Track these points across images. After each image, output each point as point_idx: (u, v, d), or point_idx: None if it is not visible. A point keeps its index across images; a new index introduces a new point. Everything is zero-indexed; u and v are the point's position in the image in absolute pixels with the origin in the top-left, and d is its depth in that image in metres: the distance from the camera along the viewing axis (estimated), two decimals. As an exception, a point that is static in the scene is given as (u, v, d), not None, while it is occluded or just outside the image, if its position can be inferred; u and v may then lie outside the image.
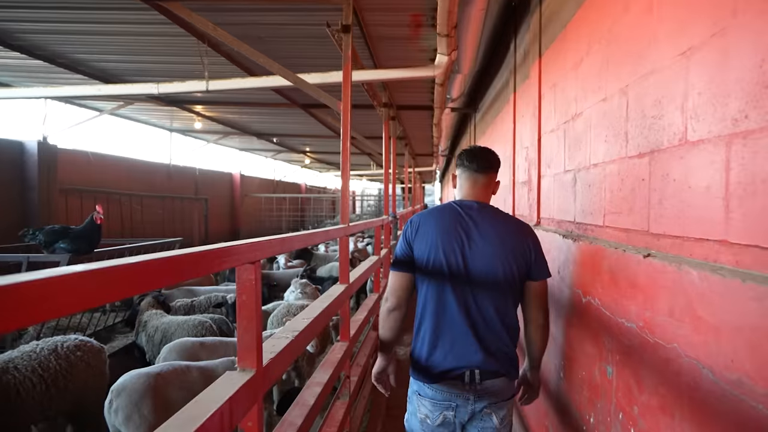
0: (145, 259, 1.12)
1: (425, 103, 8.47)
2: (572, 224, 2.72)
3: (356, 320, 4.48)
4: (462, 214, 2.20)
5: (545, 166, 3.41)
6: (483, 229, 2.15)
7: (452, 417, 2.13)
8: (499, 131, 5.81)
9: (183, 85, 5.70)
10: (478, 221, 2.17)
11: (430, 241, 2.17)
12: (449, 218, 2.20)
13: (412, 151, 15.50)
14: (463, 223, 2.17)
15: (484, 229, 2.15)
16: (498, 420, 2.14)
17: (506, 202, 5.05)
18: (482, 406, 2.11)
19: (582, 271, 2.27)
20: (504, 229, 2.18)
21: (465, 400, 2.11)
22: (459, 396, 2.11)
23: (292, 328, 2.34)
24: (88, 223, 5.65)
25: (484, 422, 2.13)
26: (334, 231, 3.58)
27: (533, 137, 3.69)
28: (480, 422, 2.13)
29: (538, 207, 3.56)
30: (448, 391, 2.12)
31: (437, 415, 2.14)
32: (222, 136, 14.85)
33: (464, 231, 2.15)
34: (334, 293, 3.33)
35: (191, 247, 1.55)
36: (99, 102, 9.86)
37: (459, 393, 2.11)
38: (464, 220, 2.17)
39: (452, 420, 2.14)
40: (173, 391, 3.05)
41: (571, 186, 2.76)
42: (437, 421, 2.14)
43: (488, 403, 2.12)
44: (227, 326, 5.37)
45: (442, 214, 2.23)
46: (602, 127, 2.28)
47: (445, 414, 2.13)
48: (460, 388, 2.11)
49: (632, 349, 1.69)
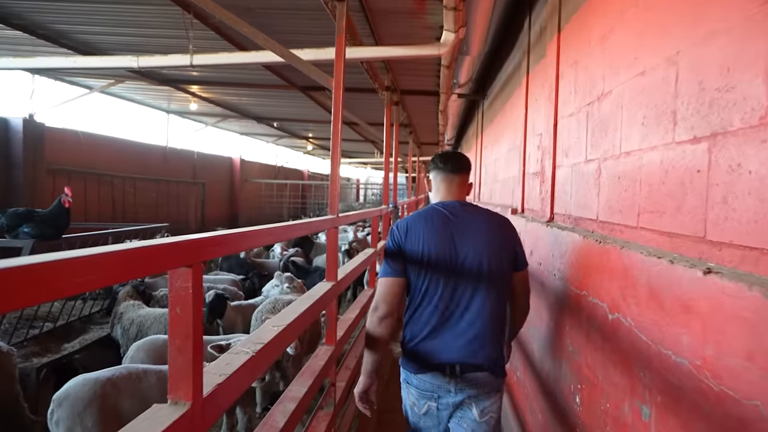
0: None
1: (431, 88, 8.02)
2: (594, 223, 2.31)
3: (346, 320, 4.09)
4: (447, 214, 2.26)
5: (562, 155, 2.99)
6: (469, 226, 2.23)
7: (435, 408, 2.20)
8: (508, 118, 5.38)
9: (165, 59, 5.27)
10: (463, 219, 2.25)
11: (421, 243, 2.21)
12: (436, 220, 2.26)
13: (416, 139, 15.06)
14: (450, 223, 2.24)
15: (471, 226, 2.23)
16: (477, 412, 2.19)
17: (515, 194, 4.65)
18: (462, 398, 2.17)
19: (609, 283, 1.86)
20: (489, 225, 2.26)
21: (446, 392, 2.17)
22: (440, 387, 2.18)
23: (256, 339, 1.95)
24: (55, 207, 5.24)
25: (463, 412, 2.20)
26: (319, 222, 3.18)
27: (548, 123, 3.28)
28: (460, 412, 2.20)
29: (552, 201, 3.15)
30: (430, 382, 2.19)
31: (422, 404, 2.22)
32: (221, 119, 14.41)
33: (453, 229, 2.22)
34: (317, 293, 2.94)
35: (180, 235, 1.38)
36: (88, 79, 9.42)
37: (440, 384, 2.17)
38: (450, 220, 2.24)
39: (435, 412, 2.20)
40: (124, 400, 2.68)
41: (593, 178, 2.35)
42: (422, 410, 2.23)
43: (468, 395, 2.17)
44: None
45: (429, 217, 2.28)
46: (638, 107, 1.87)
47: (428, 404, 2.21)
48: (440, 379, 2.17)
49: (683, 392, 1.29)
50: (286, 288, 4.71)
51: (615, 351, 1.78)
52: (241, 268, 8.26)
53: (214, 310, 4.81)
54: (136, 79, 8.83)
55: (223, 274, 7.51)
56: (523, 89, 4.32)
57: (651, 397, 1.47)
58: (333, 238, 3.34)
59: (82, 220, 9.79)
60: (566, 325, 2.43)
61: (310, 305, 2.62)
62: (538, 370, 3.04)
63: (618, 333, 1.75)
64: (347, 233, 13.06)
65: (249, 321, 4.78)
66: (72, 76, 9.33)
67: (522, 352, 3.54)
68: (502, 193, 5.63)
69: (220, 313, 4.84)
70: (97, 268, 1.03)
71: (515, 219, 4.11)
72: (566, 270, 2.49)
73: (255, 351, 1.80)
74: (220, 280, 6.55)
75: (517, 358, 3.71)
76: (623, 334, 1.70)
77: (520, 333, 3.67)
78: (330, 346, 3.33)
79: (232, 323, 4.91)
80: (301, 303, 2.68)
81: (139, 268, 1.21)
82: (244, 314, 4.88)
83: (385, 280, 2.24)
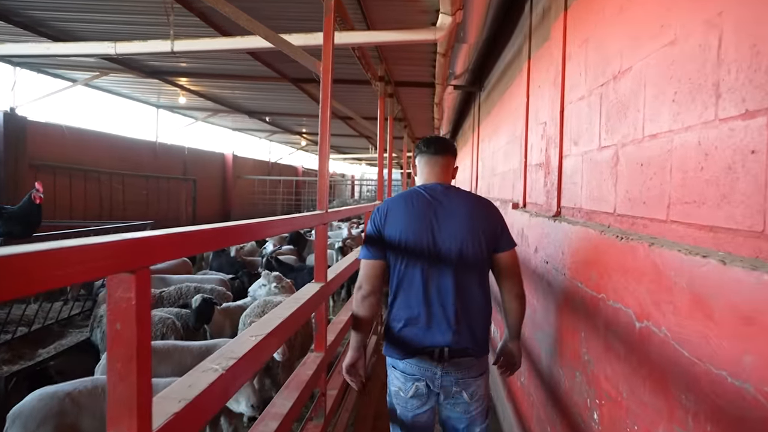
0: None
1: (426, 79, 7.76)
2: (611, 217, 2.06)
3: (338, 322, 3.85)
4: (427, 196, 2.27)
5: (569, 144, 2.74)
6: (450, 208, 2.24)
7: (424, 387, 2.22)
8: (507, 109, 5.13)
9: (145, 45, 4.98)
10: (443, 202, 2.26)
11: (400, 225, 2.23)
12: (417, 202, 2.27)
13: (411, 134, 14.79)
14: (430, 205, 2.25)
15: (451, 208, 2.24)
16: (468, 395, 2.24)
17: (515, 187, 4.40)
18: (450, 382, 2.21)
19: (635, 285, 1.62)
20: (469, 207, 2.27)
21: (433, 374, 2.20)
22: (428, 369, 2.20)
23: (229, 353, 1.70)
24: (25, 203, 4.94)
25: (455, 400, 2.24)
26: (305, 218, 2.92)
27: (553, 109, 3.03)
28: (452, 399, 2.25)
29: (559, 194, 2.90)
30: (417, 365, 2.22)
31: (409, 386, 2.24)
32: (211, 114, 14.08)
33: (432, 212, 2.23)
34: (303, 295, 2.69)
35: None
36: (72, 71, 9.10)
37: (427, 367, 2.20)
38: (431, 202, 2.25)
39: (425, 391, 2.23)
40: (85, 418, 2.42)
41: (609, 167, 2.10)
42: (410, 392, 2.24)
43: (456, 378, 2.21)
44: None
45: (410, 199, 2.29)
46: (667, 82, 1.62)
47: (416, 385, 2.23)
48: (428, 362, 2.20)
49: (744, 424, 1.04)
50: (275, 288, 4.44)
51: (644, 365, 1.53)
52: (231, 266, 7.99)
53: (201, 316, 4.57)
54: (121, 71, 8.52)
55: (212, 274, 7.25)
56: (524, 76, 4.07)
57: (697, 426, 1.22)
58: (322, 236, 3.08)
59: (67, 218, 9.50)
60: (580, 331, 2.19)
61: (295, 310, 2.37)
62: (545, 378, 2.79)
63: (649, 344, 1.50)
64: (342, 230, 12.81)
65: (237, 324, 4.52)
66: (49, 67, 8.97)
67: (527, 356, 3.30)
68: (502, 186, 5.39)
69: (207, 319, 4.59)
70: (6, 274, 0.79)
71: (517, 214, 3.86)
72: (579, 269, 2.24)
73: (226, 367, 1.55)
74: (207, 279, 6.29)
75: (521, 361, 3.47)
76: (656, 346, 1.45)
77: (523, 336, 3.44)
78: (319, 353, 3.08)
79: (220, 327, 4.65)
80: (285, 307, 2.43)
81: (64, 274, 0.96)
82: (233, 317, 4.61)
83: (365, 262, 2.30)
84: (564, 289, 2.47)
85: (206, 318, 4.55)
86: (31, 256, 0.84)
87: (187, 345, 3.55)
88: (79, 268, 0.96)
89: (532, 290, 3.21)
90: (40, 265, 0.87)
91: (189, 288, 5.63)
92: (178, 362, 3.35)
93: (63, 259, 0.92)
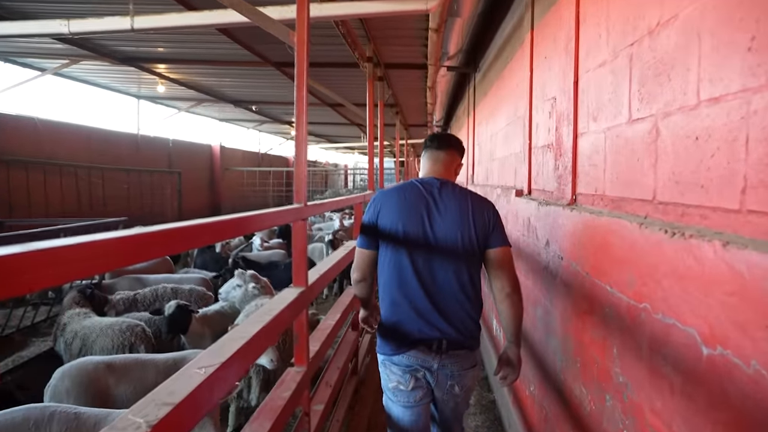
0: None
1: (418, 60, 7.32)
2: (650, 205, 1.66)
3: (324, 328, 3.44)
4: (422, 190, 2.29)
5: (587, 119, 2.34)
6: (443, 203, 2.25)
7: (423, 376, 2.26)
8: (507, 87, 4.71)
9: (101, 23, 4.50)
10: (437, 197, 2.27)
11: (393, 217, 2.26)
12: (411, 195, 2.28)
13: (404, 120, 14.36)
14: (423, 200, 2.26)
15: (444, 203, 2.25)
16: (459, 388, 2.31)
17: (518, 173, 4.00)
18: (446, 375, 2.25)
19: (700, 299, 1.22)
20: (463, 203, 2.26)
21: (430, 366, 2.22)
22: (425, 361, 2.23)
23: (163, 398, 1.29)
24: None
25: (447, 394, 2.30)
26: (280, 213, 2.49)
27: (565, 81, 2.62)
28: (448, 390, 2.28)
29: (574, 179, 2.50)
30: (414, 356, 2.23)
31: (408, 378, 2.25)
32: (195, 103, 13.56)
33: (425, 206, 2.24)
34: (276, 305, 2.27)
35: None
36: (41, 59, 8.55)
37: (425, 358, 2.22)
38: (425, 196, 2.26)
39: (423, 383, 2.27)
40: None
41: (645, 143, 1.70)
42: (410, 384, 2.25)
43: (452, 372, 2.24)
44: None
45: (404, 191, 2.31)
46: (736, 27, 1.21)
47: (416, 376, 2.25)
48: (425, 353, 2.22)
49: None
50: (252, 289, 3.99)
51: (718, 406, 1.14)
52: (216, 263, 7.57)
53: (174, 325, 4.07)
54: (91, 58, 8.01)
55: (194, 272, 6.83)
56: (527, 49, 3.65)
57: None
58: (300, 234, 2.66)
59: (43, 215, 9.03)
60: (611, 345, 1.79)
61: (264, 325, 1.96)
62: (562, 392, 2.40)
63: (726, 380, 1.10)
64: (333, 221, 12.39)
65: (218, 333, 4.08)
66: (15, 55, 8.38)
67: (537, 363, 2.92)
68: (501, 172, 4.97)
69: (182, 328, 4.10)
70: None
71: (522, 202, 3.46)
72: (606, 270, 1.84)
73: (152, 424, 1.15)
74: (187, 279, 5.87)
75: (530, 367, 3.09)
76: (740, 384, 1.05)
77: (532, 340, 3.05)
78: (300, 367, 2.68)
79: (198, 337, 4.19)
80: (253, 322, 2.02)
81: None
82: (212, 325, 4.16)
83: (359, 251, 2.39)
84: (586, 291, 2.07)
85: (181, 328, 4.08)
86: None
87: (151, 359, 3.14)
88: None
89: (543, 289, 2.81)
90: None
91: (166, 289, 5.21)
92: (139, 379, 2.95)
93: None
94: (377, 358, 2.42)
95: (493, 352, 4.69)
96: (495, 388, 4.56)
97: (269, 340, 2.02)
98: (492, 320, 4.83)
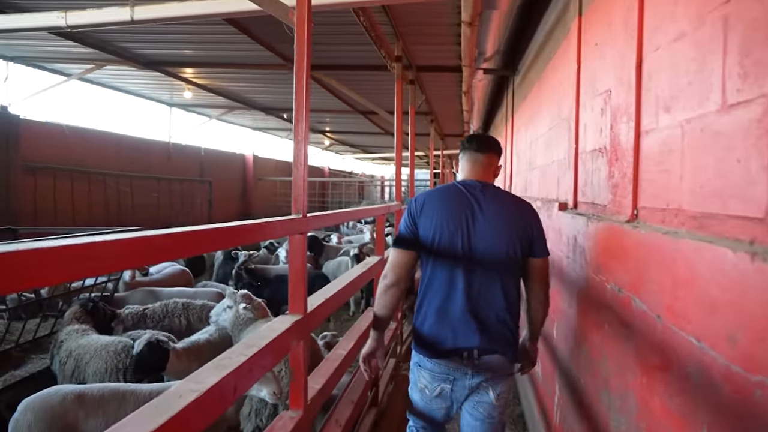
0: None
1: (452, 62, 6.84)
2: (758, 225, 1.15)
3: (333, 359, 2.98)
4: (466, 193, 2.23)
5: (655, 112, 1.82)
6: (486, 207, 2.20)
7: (449, 390, 2.22)
8: (548, 86, 4.20)
9: (100, 14, 4.19)
10: (481, 200, 2.21)
11: (434, 220, 2.20)
12: (453, 198, 2.24)
13: (439, 129, 13.86)
14: (466, 203, 2.21)
15: (487, 207, 2.20)
16: (494, 395, 2.22)
17: (561, 183, 3.48)
18: (479, 381, 2.19)
19: None
20: (506, 207, 2.23)
21: (463, 374, 2.18)
22: (457, 370, 2.19)
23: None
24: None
25: (480, 396, 2.22)
26: (275, 225, 2.04)
27: (624, 67, 2.12)
28: (476, 396, 2.22)
29: (635, 189, 1.97)
30: (446, 365, 2.20)
31: (435, 387, 2.23)
32: (226, 111, 13.38)
33: (468, 210, 2.19)
34: (260, 338, 1.83)
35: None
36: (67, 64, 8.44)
37: (457, 367, 2.19)
38: (468, 200, 2.21)
39: (449, 394, 2.23)
40: None
41: (753, 136, 1.19)
42: (435, 392, 2.24)
43: (485, 378, 2.19)
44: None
45: (447, 194, 2.26)
46: None
47: (442, 386, 2.22)
48: (458, 363, 2.18)
49: None
50: (243, 310, 3.51)
51: None
52: (254, 277, 7.19)
53: (143, 367, 3.43)
54: (116, 62, 7.83)
55: (212, 285, 6.47)
56: (573, 39, 3.15)
57: None
58: (298, 251, 2.23)
59: (69, 223, 8.90)
60: (699, 423, 1.27)
61: (232, 370, 1.52)
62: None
63: None
64: (363, 234, 11.96)
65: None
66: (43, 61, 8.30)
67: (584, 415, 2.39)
68: (542, 183, 4.44)
69: (156, 368, 3.42)
70: None
71: (566, 218, 2.94)
72: (695, 318, 1.33)
73: None
74: (202, 293, 5.50)
75: (576, 420, 2.55)
76: None
77: (581, 388, 2.52)
78: (296, 411, 2.23)
79: (183, 373, 3.50)
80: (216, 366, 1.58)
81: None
82: (200, 356, 3.55)
83: (395, 251, 2.27)
84: (656, 339, 1.55)
85: (155, 367, 3.41)
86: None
87: (132, 390, 2.74)
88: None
89: (591, 324, 2.29)
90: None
91: (177, 305, 4.85)
92: (115, 413, 2.55)
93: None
94: (411, 359, 2.37)
95: (530, 386, 4.14)
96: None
97: (239, 388, 1.57)
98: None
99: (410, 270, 2.27)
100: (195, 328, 4.68)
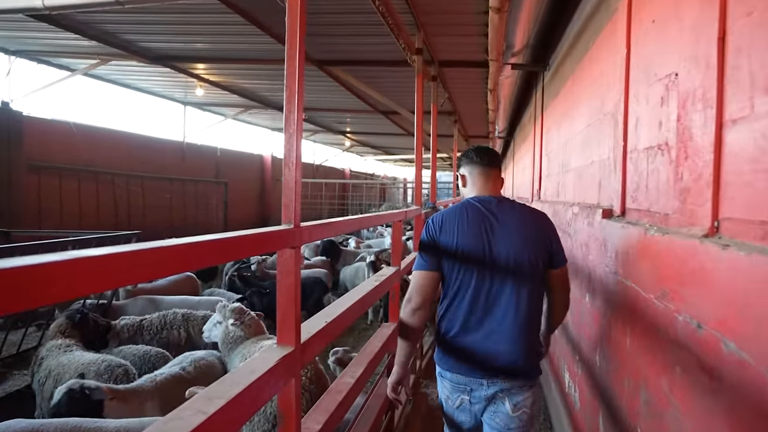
0: None
1: (477, 57, 6.41)
2: None
3: (337, 391, 2.57)
4: (483, 209, 2.25)
5: (746, 96, 1.39)
6: (504, 222, 2.22)
7: (468, 402, 2.22)
8: (586, 79, 3.75)
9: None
10: (498, 215, 2.23)
11: (455, 238, 2.21)
12: (472, 215, 2.24)
13: (463, 130, 13.41)
14: (485, 219, 2.22)
15: (505, 222, 2.22)
16: (510, 406, 2.19)
17: (604, 186, 3.03)
18: (495, 391, 2.18)
19: None
20: (524, 222, 2.24)
21: (479, 385, 2.19)
22: (473, 381, 2.20)
23: None
24: None
25: (496, 406, 2.21)
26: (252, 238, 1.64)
27: (699, 43, 1.69)
28: (493, 406, 2.21)
29: (716, 194, 1.54)
30: (465, 376, 2.21)
31: (455, 398, 2.26)
32: (242, 110, 13.09)
33: (488, 225, 2.20)
34: (229, 388, 1.43)
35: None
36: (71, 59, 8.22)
37: (473, 378, 2.20)
38: (486, 216, 2.23)
39: (468, 406, 2.23)
40: None
41: None
42: (455, 403, 2.26)
43: (501, 388, 2.18)
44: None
45: (465, 212, 2.27)
46: None
47: (462, 398, 2.24)
48: (475, 374, 2.19)
49: None
50: (232, 326, 3.10)
51: None
52: (246, 283, 6.85)
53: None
54: (122, 57, 7.55)
55: (219, 293, 6.12)
56: (621, 20, 2.71)
57: None
58: (289, 268, 1.83)
59: (75, 225, 8.64)
60: None
61: (218, 409, 1.14)
62: None
63: None
64: (384, 238, 11.55)
65: (180, 399, 2.82)
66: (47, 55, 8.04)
67: None
68: (579, 186, 3.97)
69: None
70: None
71: (613, 227, 2.49)
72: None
73: None
74: (205, 302, 5.15)
75: None
76: None
77: None
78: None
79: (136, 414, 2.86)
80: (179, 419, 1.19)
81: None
82: (164, 396, 2.97)
83: (419, 273, 2.26)
84: (765, 398, 1.11)
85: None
86: None
87: (97, 427, 2.36)
88: None
89: (668, 377, 1.84)
90: None
91: (176, 315, 4.51)
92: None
93: None
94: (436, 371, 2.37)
95: (564, 411, 3.69)
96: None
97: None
98: (564, 373, 3.83)
99: (434, 291, 2.27)
100: (195, 341, 4.33)
